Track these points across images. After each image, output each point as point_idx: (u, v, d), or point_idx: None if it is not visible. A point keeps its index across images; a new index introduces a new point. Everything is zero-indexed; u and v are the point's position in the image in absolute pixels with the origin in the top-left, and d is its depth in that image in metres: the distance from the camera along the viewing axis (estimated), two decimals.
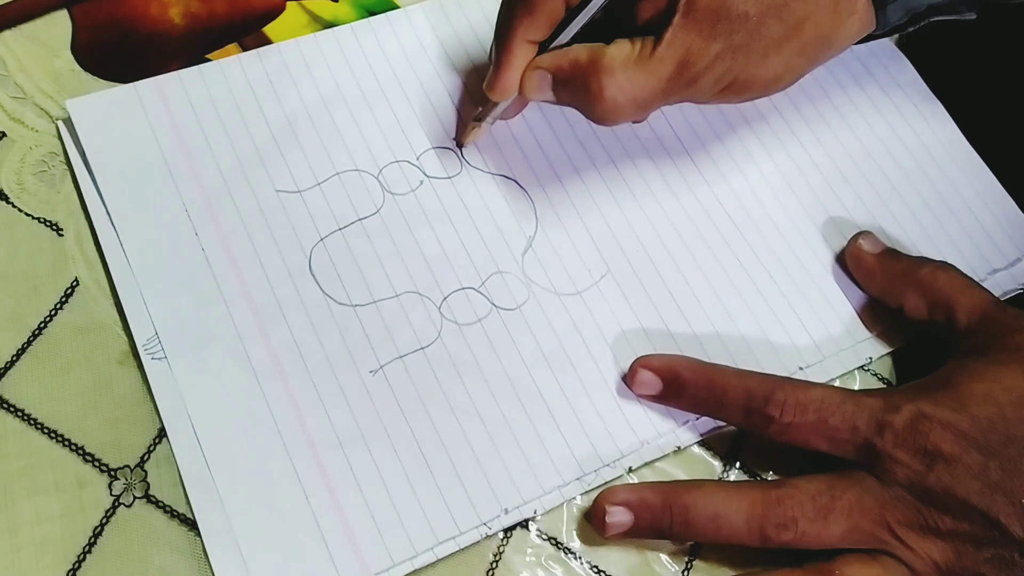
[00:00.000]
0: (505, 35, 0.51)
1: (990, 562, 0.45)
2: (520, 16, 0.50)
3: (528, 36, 0.50)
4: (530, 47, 0.51)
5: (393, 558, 0.47)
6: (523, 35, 0.50)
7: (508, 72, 0.51)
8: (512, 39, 0.50)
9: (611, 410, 0.51)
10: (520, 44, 0.50)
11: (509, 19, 0.50)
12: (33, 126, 0.54)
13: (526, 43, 0.50)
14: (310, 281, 0.52)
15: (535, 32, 0.50)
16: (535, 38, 0.50)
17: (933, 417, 0.46)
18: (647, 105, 0.49)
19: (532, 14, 0.49)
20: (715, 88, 0.50)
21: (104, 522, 0.47)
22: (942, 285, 0.52)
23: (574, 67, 0.49)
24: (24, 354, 0.49)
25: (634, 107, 0.49)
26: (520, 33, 0.50)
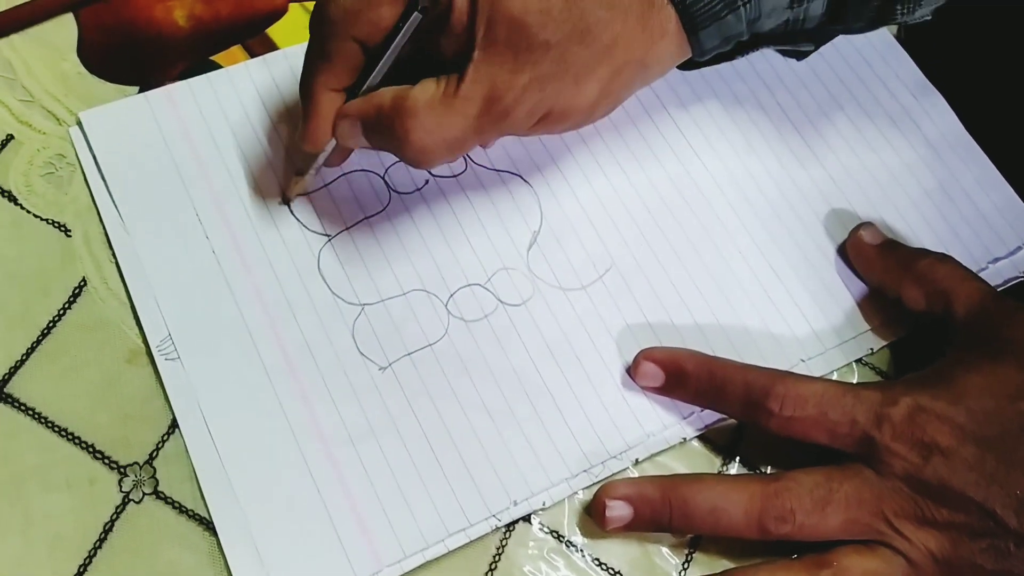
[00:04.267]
0: (308, 85, 0.49)
1: (986, 552, 0.45)
2: (318, 65, 0.48)
3: (330, 84, 0.49)
4: (335, 95, 0.49)
5: (405, 550, 0.48)
6: (325, 84, 0.49)
7: (316, 122, 0.49)
8: (315, 89, 0.49)
9: (617, 403, 0.52)
10: (324, 93, 0.49)
11: (309, 69, 0.49)
12: (41, 128, 0.55)
13: (330, 91, 0.49)
14: (319, 281, 0.53)
15: (336, 80, 0.49)
16: (337, 86, 0.49)
17: (930, 410, 0.46)
18: (459, 145, 0.47)
19: (330, 61, 0.48)
20: (529, 120, 0.48)
21: (114, 518, 0.48)
22: (941, 277, 0.52)
23: (379, 112, 0.47)
24: (34, 353, 0.50)
25: (445, 148, 0.47)
26: (321, 82, 0.49)
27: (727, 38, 0.49)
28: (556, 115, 0.48)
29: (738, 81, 0.60)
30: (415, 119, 0.46)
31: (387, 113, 0.47)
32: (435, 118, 0.46)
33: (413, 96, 0.46)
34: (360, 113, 0.48)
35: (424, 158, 0.47)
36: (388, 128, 0.47)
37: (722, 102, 0.60)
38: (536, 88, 0.46)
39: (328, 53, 0.48)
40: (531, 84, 0.46)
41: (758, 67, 0.61)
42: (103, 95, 0.56)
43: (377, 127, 0.48)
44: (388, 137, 0.47)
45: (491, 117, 0.46)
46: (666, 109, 0.59)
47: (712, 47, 0.49)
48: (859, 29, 0.53)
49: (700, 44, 0.49)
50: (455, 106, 0.46)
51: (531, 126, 0.48)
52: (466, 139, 0.47)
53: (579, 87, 0.47)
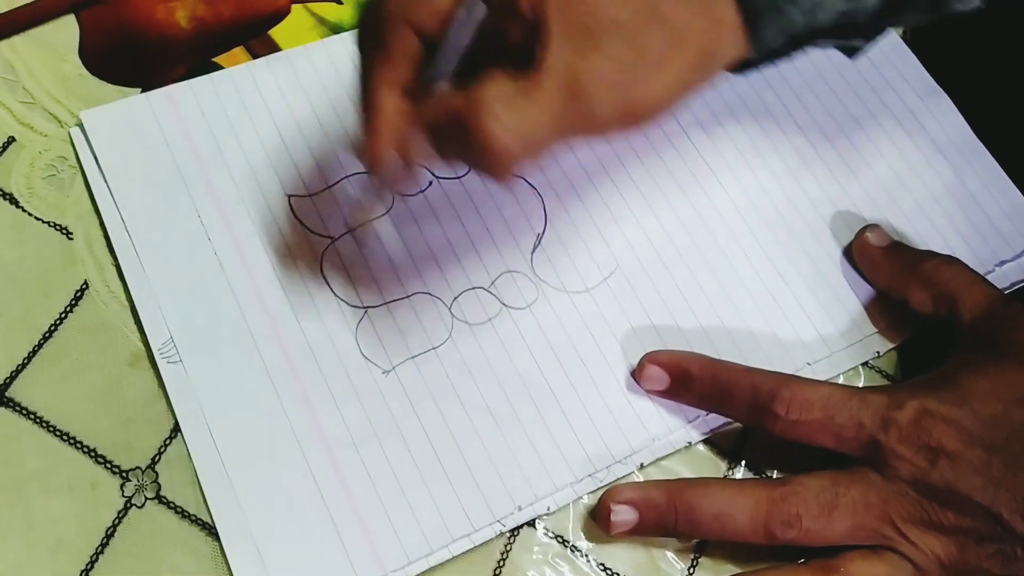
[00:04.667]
0: (367, 85, 0.44)
1: (993, 557, 0.45)
2: (375, 58, 0.44)
3: (390, 79, 0.44)
4: (396, 96, 0.44)
5: (409, 556, 0.47)
6: (385, 79, 0.44)
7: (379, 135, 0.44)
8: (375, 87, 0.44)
9: (622, 406, 0.52)
10: (383, 89, 0.44)
11: (366, 65, 0.45)
12: (42, 131, 0.55)
13: (390, 89, 0.44)
14: (321, 283, 0.53)
15: (394, 74, 0.44)
16: (396, 80, 0.44)
17: (936, 413, 0.46)
18: (540, 144, 0.42)
19: (387, 54, 0.44)
20: (612, 113, 0.43)
21: (116, 522, 0.47)
22: (947, 279, 0.52)
23: (450, 116, 0.42)
24: (35, 356, 0.50)
25: (526, 147, 0.41)
26: (381, 77, 0.44)
27: (786, 32, 0.46)
28: (637, 109, 0.44)
29: (743, 83, 0.60)
30: (493, 117, 0.40)
31: (459, 114, 0.41)
32: (515, 114, 0.41)
33: (487, 91, 0.41)
34: (427, 119, 0.43)
35: (505, 161, 0.41)
36: (462, 131, 0.41)
37: (727, 104, 0.60)
38: (620, 77, 0.42)
39: (385, 44, 0.43)
40: (613, 72, 0.42)
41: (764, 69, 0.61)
42: (104, 97, 0.56)
43: (449, 131, 0.42)
44: (463, 141, 0.42)
45: (575, 114, 0.42)
46: None
47: (770, 40, 0.46)
48: (912, 21, 0.52)
49: (760, 39, 0.46)
50: (536, 98, 0.41)
51: (612, 118, 0.43)
52: (548, 135, 0.42)
53: (660, 75, 0.43)
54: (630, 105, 0.43)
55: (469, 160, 0.43)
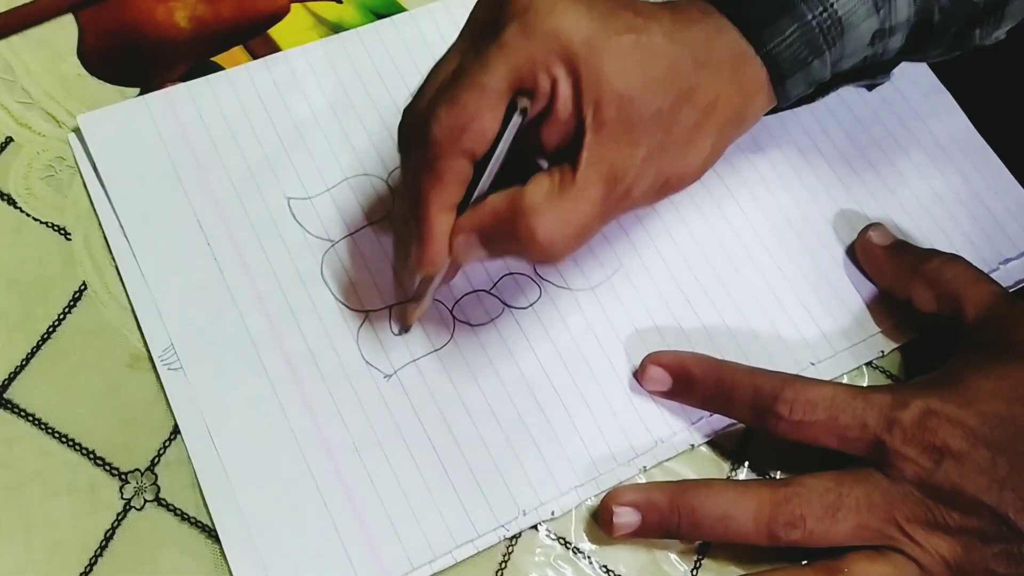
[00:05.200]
0: (421, 209, 0.46)
1: (998, 557, 0.45)
2: (430, 186, 0.45)
3: (443, 204, 0.46)
4: (448, 214, 0.46)
5: (412, 562, 0.47)
6: (438, 205, 0.46)
7: (432, 245, 0.46)
8: (429, 211, 0.46)
9: (625, 408, 0.52)
10: (438, 214, 0.46)
11: (421, 191, 0.46)
12: (40, 131, 0.55)
13: (443, 211, 0.46)
14: (322, 287, 0.52)
15: (449, 198, 0.46)
16: (450, 204, 0.46)
17: (941, 413, 0.46)
18: (586, 233, 0.45)
19: (441, 182, 0.45)
20: (651, 193, 0.47)
21: (115, 525, 0.47)
22: (950, 278, 0.52)
23: (496, 219, 0.45)
24: (34, 358, 0.50)
25: (573, 239, 0.44)
26: (435, 203, 0.46)
27: (811, 83, 0.49)
28: (673, 181, 0.47)
29: None
30: (538, 216, 0.44)
31: (506, 218, 0.44)
32: (558, 211, 0.44)
33: (529, 194, 0.44)
34: (476, 226, 0.45)
35: (554, 254, 0.44)
36: (510, 233, 0.44)
37: None
38: (656, 160, 0.45)
39: (439, 173, 0.45)
40: (649, 156, 0.45)
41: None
42: (103, 97, 0.56)
43: (497, 235, 0.45)
44: (511, 242, 0.45)
45: (615, 197, 0.45)
46: None
47: (797, 94, 0.49)
48: (936, 56, 0.53)
49: (786, 92, 0.48)
50: (574, 194, 0.44)
51: (651, 197, 0.47)
52: (592, 225, 0.45)
53: (692, 148, 0.46)
54: (667, 181, 0.47)
55: (517, 256, 0.46)
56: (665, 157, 0.46)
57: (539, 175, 0.45)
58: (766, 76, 0.48)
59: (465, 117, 0.44)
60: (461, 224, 0.46)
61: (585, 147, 0.44)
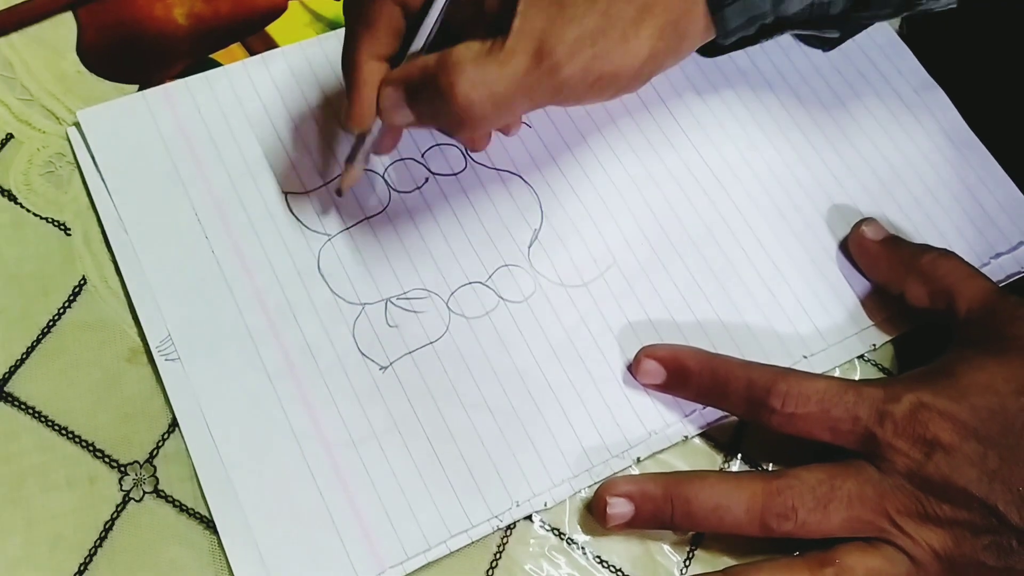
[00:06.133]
0: (350, 55, 0.47)
1: (988, 549, 0.45)
2: (359, 32, 0.47)
3: (373, 52, 0.47)
4: (378, 66, 0.47)
5: (407, 551, 0.48)
6: (368, 52, 0.47)
7: (361, 94, 0.47)
8: (358, 58, 0.47)
9: (619, 401, 0.52)
10: (367, 62, 0.47)
11: (350, 37, 0.48)
12: (40, 127, 0.55)
13: (373, 61, 0.47)
14: (319, 281, 0.53)
15: (379, 47, 0.47)
16: (380, 53, 0.47)
17: (933, 406, 0.46)
18: (507, 102, 0.45)
19: (370, 28, 0.46)
20: (584, 83, 0.45)
21: (115, 517, 0.48)
22: (943, 273, 0.52)
23: (423, 73, 0.45)
24: (34, 352, 0.50)
25: (492, 104, 0.44)
26: (364, 50, 0.47)
27: (751, 18, 0.48)
28: (607, 77, 0.46)
29: (740, 77, 0.60)
30: (460, 72, 0.44)
31: (431, 72, 0.45)
32: (481, 70, 0.44)
33: (457, 51, 0.44)
34: (403, 77, 0.46)
35: (470, 115, 0.45)
36: (433, 88, 0.45)
37: (724, 99, 0.60)
38: (587, 44, 0.44)
39: (369, 18, 0.47)
40: (581, 39, 0.44)
41: (760, 63, 0.61)
42: (103, 94, 0.56)
43: (421, 89, 0.46)
44: (432, 98, 0.45)
45: (540, 72, 0.44)
46: (667, 105, 0.59)
47: (736, 27, 0.48)
48: (885, 16, 0.52)
49: (725, 22, 0.48)
50: (502, 58, 0.44)
51: (580, 87, 0.46)
52: (514, 95, 0.45)
53: (627, 45, 0.45)
54: (598, 72, 0.46)
55: (436, 117, 0.47)
56: (599, 46, 0.45)
57: (472, 40, 0.45)
58: None
59: None
60: (390, 76, 0.47)
61: (517, 14, 0.44)
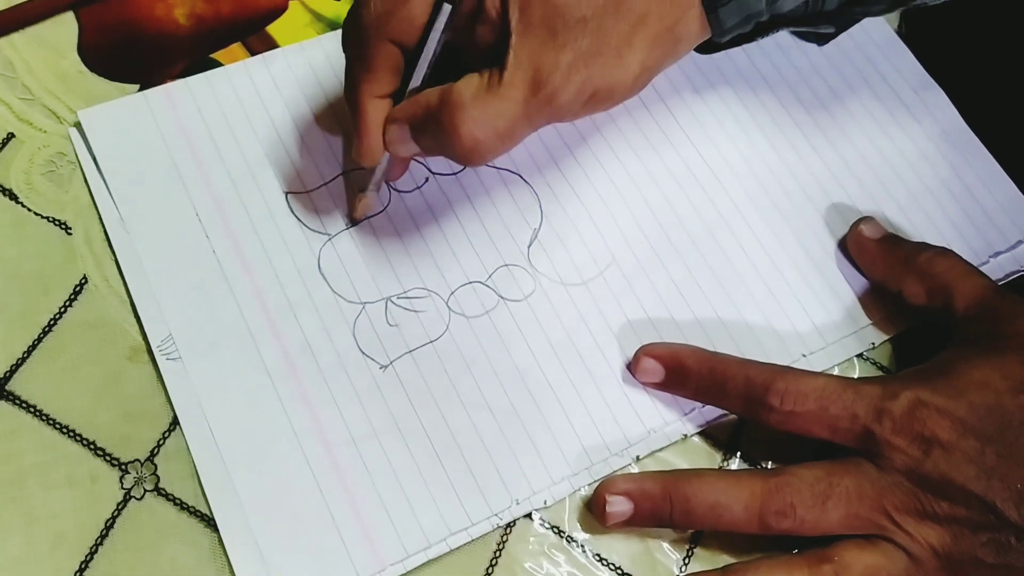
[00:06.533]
0: (353, 97, 0.49)
1: (987, 546, 0.45)
2: (360, 74, 0.48)
3: (375, 92, 0.48)
4: (382, 103, 0.49)
5: (407, 549, 0.48)
6: (370, 92, 0.48)
7: (368, 134, 0.49)
8: (361, 99, 0.48)
9: (618, 399, 0.52)
10: (370, 102, 0.48)
11: (351, 79, 0.49)
12: (41, 127, 0.55)
13: (375, 100, 0.48)
14: (320, 280, 0.53)
15: (380, 87, 0.48)
16: (382, 92, 0.48)
17: (930, 404, 0.46)
18: (509, 134, 0.46)
19: (370, 68, 0.48)
20: (578, 102, 0.47)
21: (116, 515, 0.48)
22: (941, 271, 0.52)
23: (427, 110, 0.46)
24: (35, 351, 0.50)
25: (495, 138, 0.46)
26: (366, 91, 0.48)
27: (747, 17, 0.49)
28: (603, 93, 0.47)
29: (739, 77, 0.61)
30: (463, 111, 0.45)
31: (434, 110, 0.46)
32: (483, 108, 0.45)
33: (458, 89, 0.45)
34: (407, 115, 0.48)
35: (476, 151, 0.46)
36: (436, 125, 0.46)
37: (723, 98, 0.60)
38: (581, 66, 0.45)
39: (367, 60, 0.48)
40: (575, 63, 0.45)
41: (759, 63, 0.61)
42: (103, 94, 0.56)
43: (425, 126, 0.47)
44: (437, 135, 0.46)
45: (539, 101, 0.45)
46: (666, 104, 0.59)
47: (731, 26, 0.49)
48: (879, 11, 0.53)
49: (720, 22, 0.48)
50: (501, 93, 0.45)
51: (580, 108, 0.47)
52: (516, 127, 0.46)
53: (621, 61, 0.46)
54: (594, 92, 0.47)
55: (442, 151, 0.47)
56: (593, 66, 0.46)
57: (471, 74, 0.46)
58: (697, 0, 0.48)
59: (392, 3, 0.46)
60: (394, 113, 0.48)
61: (511, 48, 0.45)
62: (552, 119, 0.47)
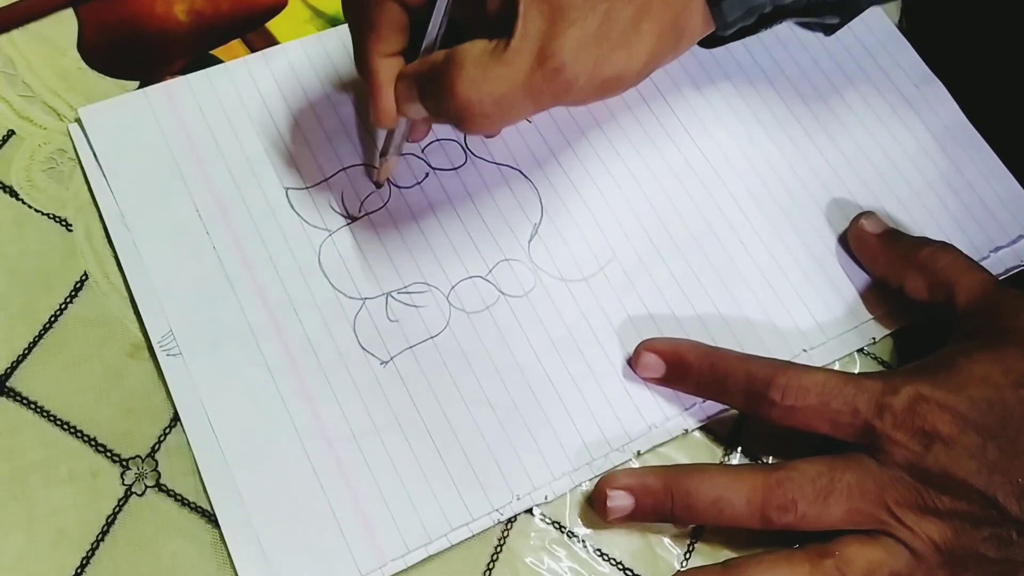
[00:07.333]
0: (362, 58, 0.49)
1: (988, 541, 0.45)
2: (365, 34, 0.48)
3: (383, 51, 0.48)
4: (392, 61, 0.48)
5: (408, 545, 0.48)
6: (377, 51, 0.48)
7: (381, 95, 0.48)
8: (370, 59, 0.48)
9: (619, 395, 0.52)
10: (379, 61, 0.48)
11: (358, 41, 0.49)
12: (42, 124, 0.55)
13: (385, 59, 0.48)
14: (320, 276, 0.53)
15: (386, 45, 0.48)
16: (390, 51, 0.48)
17: (931, 399, 0.46)
18: (509, 103, 0.45)
19: (374, 28, 0.47)
20: (590, 86, 0.46)
21: (117, 511, 0.48)
22: (942, 266, 0.52)
23: (432, 68, 0.46)
24: (36, 347, 0.50)
25: (492, 104, 0.45)
26: (373, 50, 0.48)
27: (750, 9, 0.49)
28: (612, 82, 0.47)
29: (739, 72, 0.60)
30: (463, 70, 0.45)
31: (439, 68, 0.46)
32: (483, 70, 0.45)
33: (463, 49, 0.45)
34: (414, 71, 0.47)
35: (469, 112, 0.45)
36: (439, 83, 0.46)
37: (723, 93, 0.60)
38: (592, 46, 0.45)
39: (371, 19, 0.47)
40: (584, 42, 0.45)
41: (759, 57, 0.61)
42: (104, 91, 0.56)
43: (430, 84, 0.46)
44: (439, 93, 0.46)
45: (544, 73, 0.45)
46: (665, 99, 0.59)
47: (735, 19, 0.49)
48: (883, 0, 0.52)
49: (723, 15, 0.48)
50: (505, 59, 0.44)
51: (583, 89, 0.46)
52: (516, 96, 0.45)
53: (628, 48, 0.46)
54: (600, 74, 0.46)
55: (442, 114, 0.47)
56: (602, 49, 0.45)
57: (479, 39, 0.46)
58: None
59: None
60: (404, 70, 0.48)
61: (519, 16, 0.44)
62: (557, 98, 0.46)
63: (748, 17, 0.49)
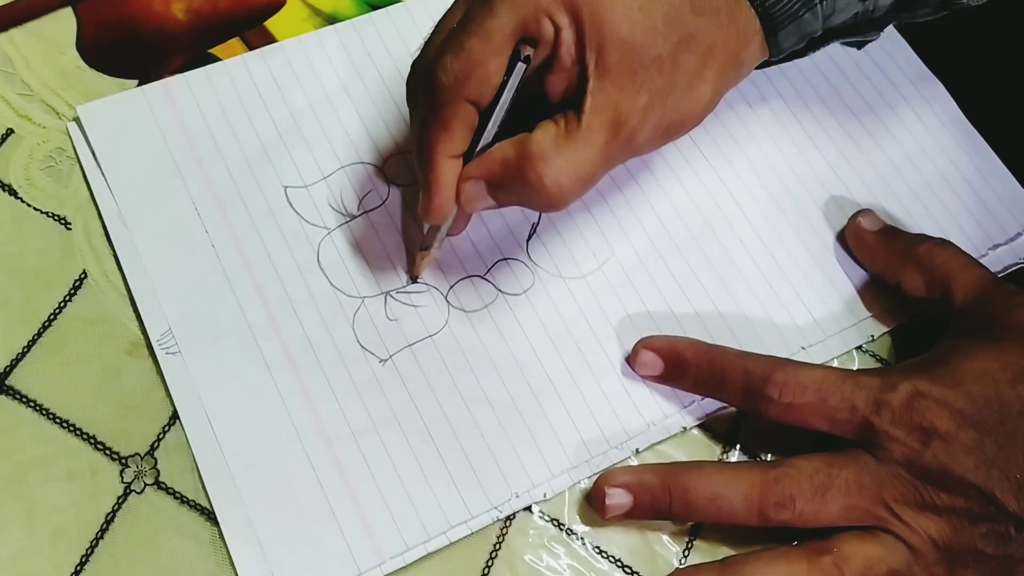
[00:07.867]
0: (427, 156, 0.47)
1: (986, 537, 0.45)
2: (436, 133, 0.47)
3: (449, 152, 0.47)
4: (454, 162, 0.47)
5: (407, 542, 0.48)
6: (444, 152, 0.47)
7: (439, 193, 0.47)
8: (435, 159, 0.47)
9: (618, 392, 0.52)
10: (444, 162, 0.47)
11: (426, 139, 0.47)
12: (40, 122, 0.55)
13: (449, 159, 0.47)
14: (319, 275, 0.53)
15: (455, 146, 0.47)
16: (456, 152, 0.47)
17: (929, 395, 0.46)
18: (591, 178, 0.46)
19: (447, 129, 0.46)
20: (655, 138, 0.47)
21: (116, 509, 0.48)
22: (940, 262, 0.52)
23: (505, 166, 0.46)
24: (35, 346, 0.50)
25: (579, 184, 0.46)
26: (440, 151, 0.47)
27: (803, 36, 0.49)
28: (676, 126, 0.48)
29: None
30: (545, 162, 0.45)
31: (514, 165, 0.46)
32: (565, 156, 0.45)
33: (536, 140, 0.45)
34: (483, 172, 0.47)
35: (561, 198, 0.46)
36: (518, 179, 0.46)
37: None
38: (657, 104, 0.46)
39: (445, 121, 0.46)
40: (652, 102, 0.46)
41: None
42: (102, 89, 0.56)
43: (505, 182, 0.46)
44: (519, 188, 0.46)
45: (619, 142, 0.46)
46: None
47: (789, 46, 0.50)
48: (924, 16, 0.53)
49: (778, 44, 0.49)
50: (581, 138, 0.45)
51: (655, 142, 0.48)
52: (597, 170, 0.46)
53: (693, 93, 0.47)
54: (670, 126, 0.48)
55: (524, 203, 0.47)
56: (667, 102, 0.46)
57: (546, 122, 0.46)
58: (759, 25, 0.48)
59: (470, 64, 0.45)
60: (469, 171, 0.47)
61: (589, 93, 0.45)
62: (629, 157, 0.48)
63: (800, 42, 0.50)
